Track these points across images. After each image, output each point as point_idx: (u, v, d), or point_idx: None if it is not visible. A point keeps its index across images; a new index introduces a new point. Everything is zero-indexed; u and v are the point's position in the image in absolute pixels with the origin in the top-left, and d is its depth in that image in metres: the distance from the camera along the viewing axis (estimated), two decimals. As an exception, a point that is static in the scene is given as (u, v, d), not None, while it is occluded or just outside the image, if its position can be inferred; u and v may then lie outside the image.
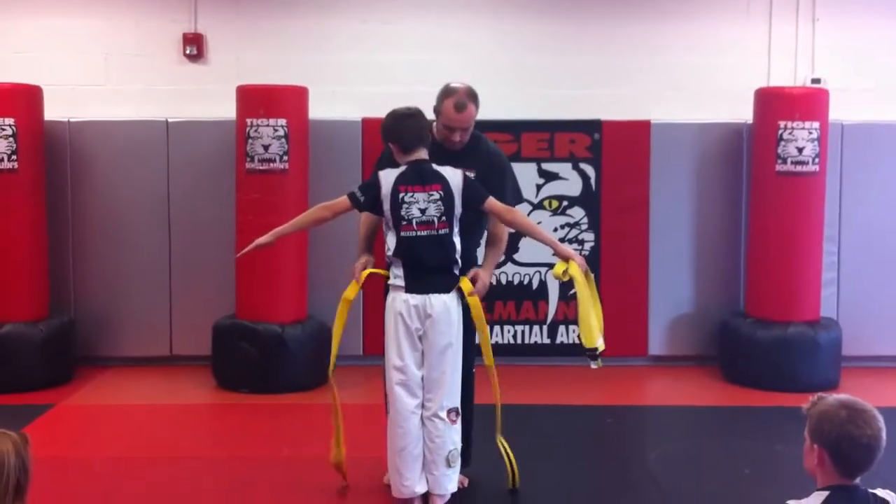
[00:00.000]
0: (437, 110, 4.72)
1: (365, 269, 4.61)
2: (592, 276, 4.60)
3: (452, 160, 4.60)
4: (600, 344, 4.49)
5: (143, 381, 7.20)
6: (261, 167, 6.89)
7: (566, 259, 4.50)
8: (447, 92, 4.69)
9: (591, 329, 4.47)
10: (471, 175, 4.57)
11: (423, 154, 4.49)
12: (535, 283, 7.54)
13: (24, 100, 6.96)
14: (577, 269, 4.47)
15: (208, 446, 5.81)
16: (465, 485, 4.88)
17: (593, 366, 4.51)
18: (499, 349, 7.51)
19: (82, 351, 7.38)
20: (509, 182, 4.85)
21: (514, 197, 4.89)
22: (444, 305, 4.46)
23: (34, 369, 6.82)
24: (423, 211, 4.40)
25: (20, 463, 2.42)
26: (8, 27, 7.64)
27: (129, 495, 4.90)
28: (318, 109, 7.18)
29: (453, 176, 4.47)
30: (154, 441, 5.84)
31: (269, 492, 4.93)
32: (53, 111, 7.22)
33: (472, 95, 4.72)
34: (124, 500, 4.83)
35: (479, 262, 4.78)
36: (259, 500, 4.85)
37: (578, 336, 4.64)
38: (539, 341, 7.57)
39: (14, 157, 6.83)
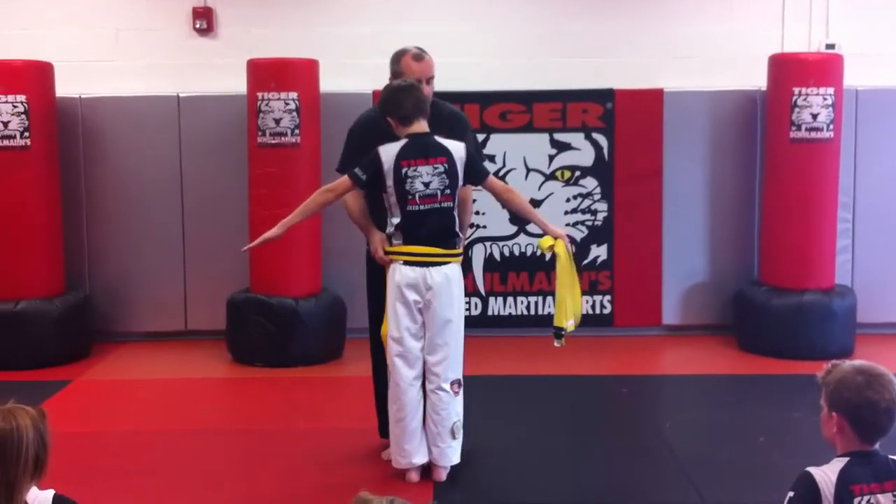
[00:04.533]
0: (396, 73, 4.74)
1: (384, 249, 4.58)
2: (573, 261, 4.71)
3: None
4: (569, 325, 4.60)
5: (158, 355, 7.24)
6: (272, 141, 6.89)
7: (555, 237, 4.62)
8: (399, 53, 4.79)
9: (564, 308, 4.58)
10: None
11: (423, 126, 4.48)
12: (547, 254, 7.50)
13: (36, 76, 6.96)
14: (563, 248, 4.61)
15: (224, 420, 5.85)
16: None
17: (556, 344, 4.61)
18: (513, 320, 7.61)
19: (98, 326, 7.41)
20: (471, 139, 4.88)
21: (478, 154, 4.95)
22: (445, 277, 4.47)
23: (50, 345, 6.85)
24: (426, 185, 4.40)
25: (38, 437, 2.43)
26: (18, 4, 7.62)
27: (147, 469, 4.94)
28: (329, 82, 7.16)
29: (457, 149, 4.48)
30: (170, 415, 5.89)
31: (285, 464, 4.96)
32: (65, 87, 7.22)
33: (423, 50, 4.78)
34: (142, 474, 4.87)
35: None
36: (275, 472, 4.88)
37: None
38: (552, 311, 7.52)
39: (27, 133, 6.84)
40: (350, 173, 4.48)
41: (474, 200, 6.72)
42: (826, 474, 2.57)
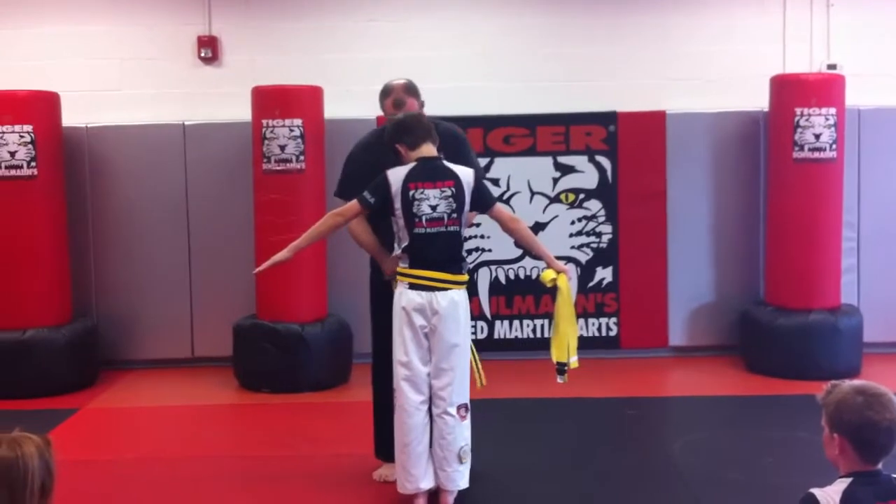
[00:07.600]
0: (382, 109, 4.86)
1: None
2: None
3: None
4: (573, 361, 4.58)
5: (165, 383, 7.26)
6: (277, 167, 6.92)
7: (558, 271, 4.63)
8: (386, 92, 4.86)
9: (563, 343, 4.56)
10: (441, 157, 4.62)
11: (431, 150, 4.50)
12: (549, 286, 7.52)
13: (42, 107, 7.01)
14: (565, 282, 4.61)
15: (231, 446, 5.85)
16: None
17: (559, 380, 4.59)
18: (519, 343, 7.60)
19: (105, 354, 7.43)
20: (473, 155, 4.93)
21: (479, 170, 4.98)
22: (451, 302, 4.45)
23: (58, 373, 6.87)
24: (433, 208, 4.40)
25: (44, 465, 2.44)
26: (24, 35, 7.70)
27: (155, 496, 4.94)
28: (334, 108, 7.21)
29: (466, 174, 4.49)
30: (178, 442, 5.89)
31: (292, 490, 4.95)
32: (71, 117, 7.28)
33: (409, 90, 4.86)
34: (149, 501, 4.87)
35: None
36: (283, 497, 4.87)
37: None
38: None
39: (33, 163, 6.88)
40: (359, 197, 4.48)
41: (479, 224, 6.80)
42: (829, 495, 2.57)
